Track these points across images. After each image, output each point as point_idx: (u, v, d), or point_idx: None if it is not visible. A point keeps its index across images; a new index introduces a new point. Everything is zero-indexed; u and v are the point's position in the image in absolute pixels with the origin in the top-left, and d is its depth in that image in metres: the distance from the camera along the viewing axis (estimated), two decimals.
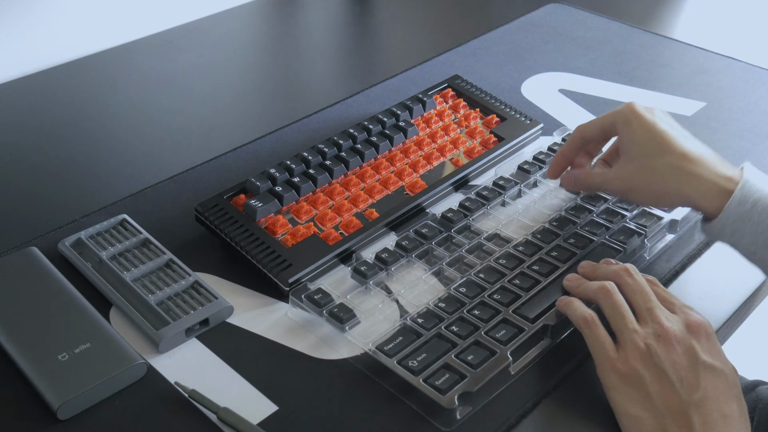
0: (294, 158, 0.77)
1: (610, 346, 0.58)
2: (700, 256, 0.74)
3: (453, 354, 0.60)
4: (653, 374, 0.56)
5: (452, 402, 0.57)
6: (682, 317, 0.59)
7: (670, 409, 0.55)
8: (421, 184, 0.77)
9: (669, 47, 1.10)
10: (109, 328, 0.62)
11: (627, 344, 0.57)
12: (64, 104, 0.97)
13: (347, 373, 0.61)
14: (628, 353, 0.57)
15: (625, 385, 0.56)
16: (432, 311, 0.64)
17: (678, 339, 0.56)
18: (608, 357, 0.57)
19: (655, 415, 0.55)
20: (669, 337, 0.56)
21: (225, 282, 0.69)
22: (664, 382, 0.55)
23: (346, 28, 1.26)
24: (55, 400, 0.56)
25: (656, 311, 0.58)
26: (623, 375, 0.57)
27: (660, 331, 0.57)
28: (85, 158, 0.87)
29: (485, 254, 0.71)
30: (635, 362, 0.56)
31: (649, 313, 0.58)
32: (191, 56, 1.09)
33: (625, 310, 0.59)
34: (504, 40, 1.09)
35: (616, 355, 0.57)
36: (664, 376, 0.55)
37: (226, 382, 0.60)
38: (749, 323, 0.75)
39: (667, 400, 0.55)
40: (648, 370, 0.56)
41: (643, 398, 0.56)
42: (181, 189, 0.79)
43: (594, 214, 0.74)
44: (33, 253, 0.68)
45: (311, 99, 0.76)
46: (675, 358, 0.56)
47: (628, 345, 0.57)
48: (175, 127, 0.94)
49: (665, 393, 0.55)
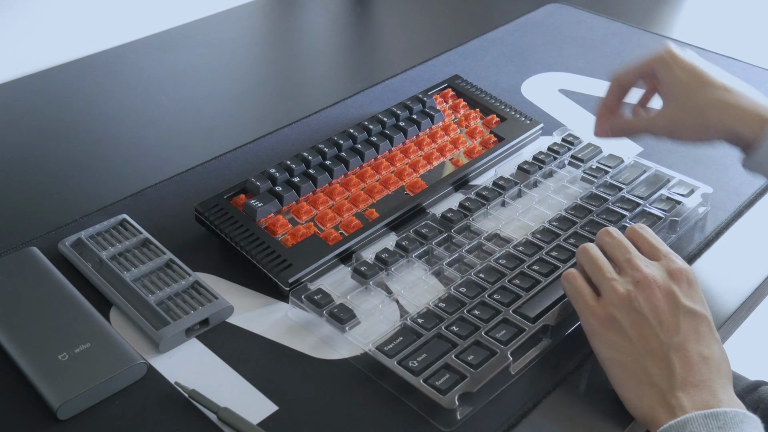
0: (294, 158, 0.77)
1: (589, 294, 0.59)
2: (700, 256, 0.74)
3: (453, 354, 0.60)
4: (633, 319, 0.56)
5: (452, 402, 0.57)
6: (664, 264, 0.59)
7: (650, 352, 0.55)
8: (421, 184, 0.77)
9: None
10: (109, 328, 0.62)
11: (606, 291, 0.58)
12: (64, 104, 0.97)
13: (347, 373, 0.61)
14: (607, 299, 0.58)
15: (606, 330, 0.57)
16: (432, 311, 0.64)
17: (658, 284, 0.57)
18: (587, 304, 0.59)
19: (636, 358, 0.56)
20: (648, 282, 0.57)
21: (225, 282, 0.69)
22: (643, 326, 0.56)
23: (346, 28, 1.26)
24: (55, 400, 0.56)
25: (635, 261, 0.59)
26: (603, 320, 0.57)
27: (639, 277, 0.57)
28: (85, 158, 0.87)
29: (485, 254, 0.71)
30: (614, 308, 0.57)
31: (629, 263, 0.59)
32: (191, 56, 1.09)
33: (602, 263, 0.60)
34: (504, 40, 1.09)
35: (595, 303, 0.58)
36: (644, 320, 0.56)
37: (226, 382, 0.60)
38: (749, 323, 0.75)
39: (647, 343, 0.56)
40: (628, 315, 0.57)
41: (623, 342, 0.56)
42: (181, 189, 0.79)
43: (594, 213, 0.74)
44: (33, 253, 0.68)
45: (311, 99, 0.76)
46: (655, 303, 0.56)
47: (607, 292, 0.58)
48: (175, 127, 0.94)
49: (645, 336, 0.56)
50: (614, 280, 0.58)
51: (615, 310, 0.57)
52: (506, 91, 0.97)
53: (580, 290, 0.60)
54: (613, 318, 0.57)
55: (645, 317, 0.56)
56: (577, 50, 1.07)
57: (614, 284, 0.58)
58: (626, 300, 0.57)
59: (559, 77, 1.00)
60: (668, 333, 0.56)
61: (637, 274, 0.58)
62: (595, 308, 0.58)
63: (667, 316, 0.56)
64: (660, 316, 0.56)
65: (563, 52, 1.06)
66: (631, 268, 0.59)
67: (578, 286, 0.60)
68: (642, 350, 0.56)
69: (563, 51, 1.07)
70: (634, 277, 0.58)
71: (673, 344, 0.55)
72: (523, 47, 1.07)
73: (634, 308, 0.57)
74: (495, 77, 1.00)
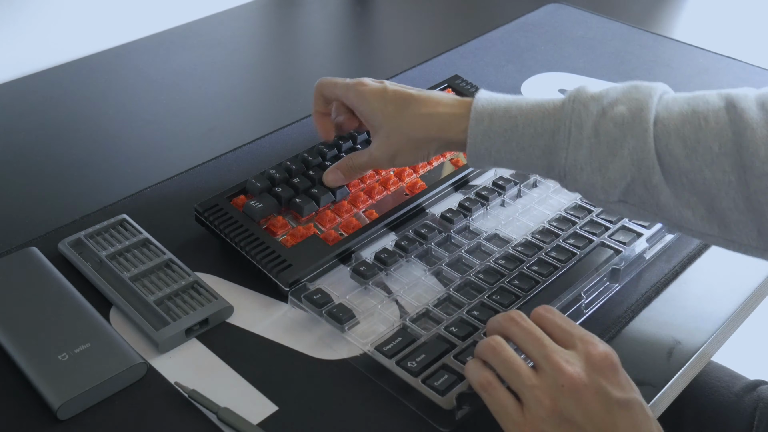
0: (294, 158, 0.77)
1: (513, 409, 0.52)
2: (700, 256, 0.74)
3: (452, 355, 0.60)
4: (566, 429, 0.51)
5: (451, 403, 0.57)
6: (582, 352, 0.52)
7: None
8: (420, 185, 0.77)
9: (669, 47, 1.10)
10: (109, 328, 0.62)
11: (530, 403, 0.51)
12: (64, 104, 0.98)
13: (347, 373, 0.61)
14: (534, 413, 0.51)
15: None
16: (431, 312, 0.64)
17: (585, 384, 0.51)
18: (514, 422, 0.52)
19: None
20: (575, 385, 0.50)
21: (225, 282, 0.69)
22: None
23: (346, 28, 1.26)
24: (55, 400, 0.56)
25: (553, 357, 0.52)
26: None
27: (563, 380, 0.51)
28: (85, 158, 0.87)
29: (484, 254, 0.71)
30: (543, 423, 0.51)
31: (546, 360, 0.52)
32: (191, 56, 1.09)
33: (518, 366, 0.52)
34: (504, 40, 1.09)
35: (522, 419, 0.51)
36: (578, 429, 0.50)
37: (226, 382, 0.60)
38: (749, 323, 0.75)
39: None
40: (560, 427, 0.51)
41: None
42: (181, 189, 0.79)
43: (594, 214, 0.74)
44: (33, 253, 0.68)
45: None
46: (586, 407, 0.50)
47: (531, 403, 0.51)
48: (175, 127, 0.94)
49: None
50: (536, 388, 0.51)
51: (545, 425, 0.51)
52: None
53: (504, 406, 0.52)
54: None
55: (579, 426, 0.50)
56: (577, 50, 1.07)
57: (537, 394, 0.51)
58: (555, 411, 0.50)
59: (559, 77, 1.00)
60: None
61: (561, 377, 0.51)
62: (524, 426, 0.51)
63: (601, 417, 0.50)
64: (594, 419, 0.50)
65: (563, 52, 1.07)
66: (551, 367, 0.51)
67: (500, 400, 0.53)
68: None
69: (563, 51, 1.07)
70: (557, 381, 0.51)
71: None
72: (523, 47, 1.07)
73: (566, 419, 0.50)
74: (495, 77, 1.00)
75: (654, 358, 0.64)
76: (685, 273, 0.72)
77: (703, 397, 0.84)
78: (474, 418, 0.58)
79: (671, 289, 0.70)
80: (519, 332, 0.54)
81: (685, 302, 0.69)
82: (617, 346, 0.64)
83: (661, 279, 0.70)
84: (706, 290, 0.71)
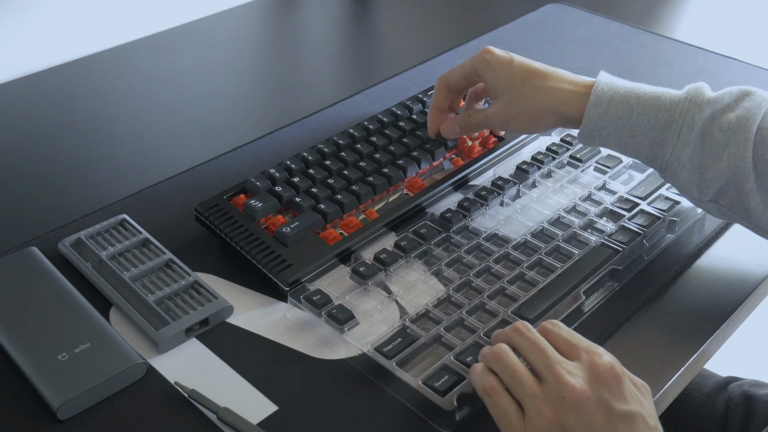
0: (294, 158, 0.77)
1: (515, 416, 0.52)
2: (700, 256, 0.74)
3: (452, 355, 0.60)
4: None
5: (451, 403, 0.57)
6: (586, 362, 0.52)
7: None
8: (420, 184, 0.77)
9: (669, 47, 1.10)
10: (109, 328, 0.62)
11: (532, 413, 0.51)
12: (64, 104, 0.98)
13: (347, 373, 0.61)
14: (535, 424, 0.51)
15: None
16: (431, 312, 0.64)
17: (588, 396, 0.50)
18: (515, 430, 0.52)
19: None
20: (578, 397, 0.50)
21: (225, 282, 0.69)
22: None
23: (346, 28, 1.26)
24: (55, 400, 0.56)
25: (556, 368, 0.52)
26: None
27: (565, 392, 0.50)
28: (85, 158, 0.87)
29: (484, 254, 0.71)
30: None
31: (549, 371, 0.52)
32: (191, 56, 1.09)
33: (521, 374, 0.53)
34: (504, 40, 1.09)
35: (522, 428, 0.51)
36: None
37: (226, 382, 0.60)
38: (749, 323, 0.75)
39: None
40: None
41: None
42: (181, 189, 0.79)
43: (593, 214, 0.74)
44: (33, 253, 0.68)
45: (311, 99, 0.77)
46: (588, 419, 0.50)
47: (533, 414, 0.51)
48: (175, 127, 0.94)
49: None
50: (537, 398, 0.51)
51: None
52: None
53: (506, 412, 0.52)
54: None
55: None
56: (577, 50, 1.07)
57: (539, 404, 0.51)
58: (556, 423, 0.50)
59: None
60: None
61: (563, 389, 0.50)
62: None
63: (603, 430, 0.50)
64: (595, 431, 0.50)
65: (563, 52, 1.06)
66: (554, 379, 0.51)
67: (502, 406, 0.53)
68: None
69: (563, 51, 1.07)
70: (559, 393, 0.51)
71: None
72: (523, 47, 1.07)
73: (567, 431, 0.50)
74: None
75: (654, 358, 0.64)
76: (685, 273, 0.72)
77: (675, 401, 0.83)
78: (474, 419, 0.58)
79: (671, 289, 0.70)
80: (524, 343, 0.54)
81: (685, 302, 0.69)
82: (617, 347, 0.64)
83: (661, 279, 0.70)
84: (706, 290, 0.71)
